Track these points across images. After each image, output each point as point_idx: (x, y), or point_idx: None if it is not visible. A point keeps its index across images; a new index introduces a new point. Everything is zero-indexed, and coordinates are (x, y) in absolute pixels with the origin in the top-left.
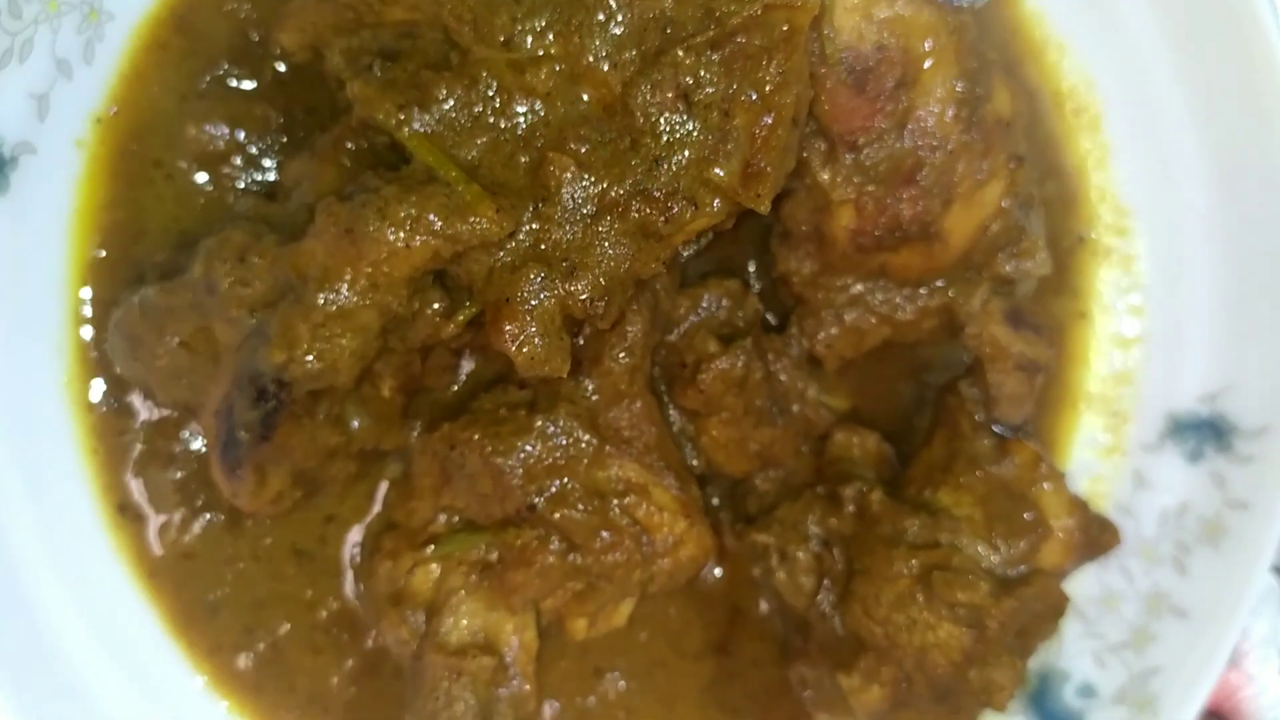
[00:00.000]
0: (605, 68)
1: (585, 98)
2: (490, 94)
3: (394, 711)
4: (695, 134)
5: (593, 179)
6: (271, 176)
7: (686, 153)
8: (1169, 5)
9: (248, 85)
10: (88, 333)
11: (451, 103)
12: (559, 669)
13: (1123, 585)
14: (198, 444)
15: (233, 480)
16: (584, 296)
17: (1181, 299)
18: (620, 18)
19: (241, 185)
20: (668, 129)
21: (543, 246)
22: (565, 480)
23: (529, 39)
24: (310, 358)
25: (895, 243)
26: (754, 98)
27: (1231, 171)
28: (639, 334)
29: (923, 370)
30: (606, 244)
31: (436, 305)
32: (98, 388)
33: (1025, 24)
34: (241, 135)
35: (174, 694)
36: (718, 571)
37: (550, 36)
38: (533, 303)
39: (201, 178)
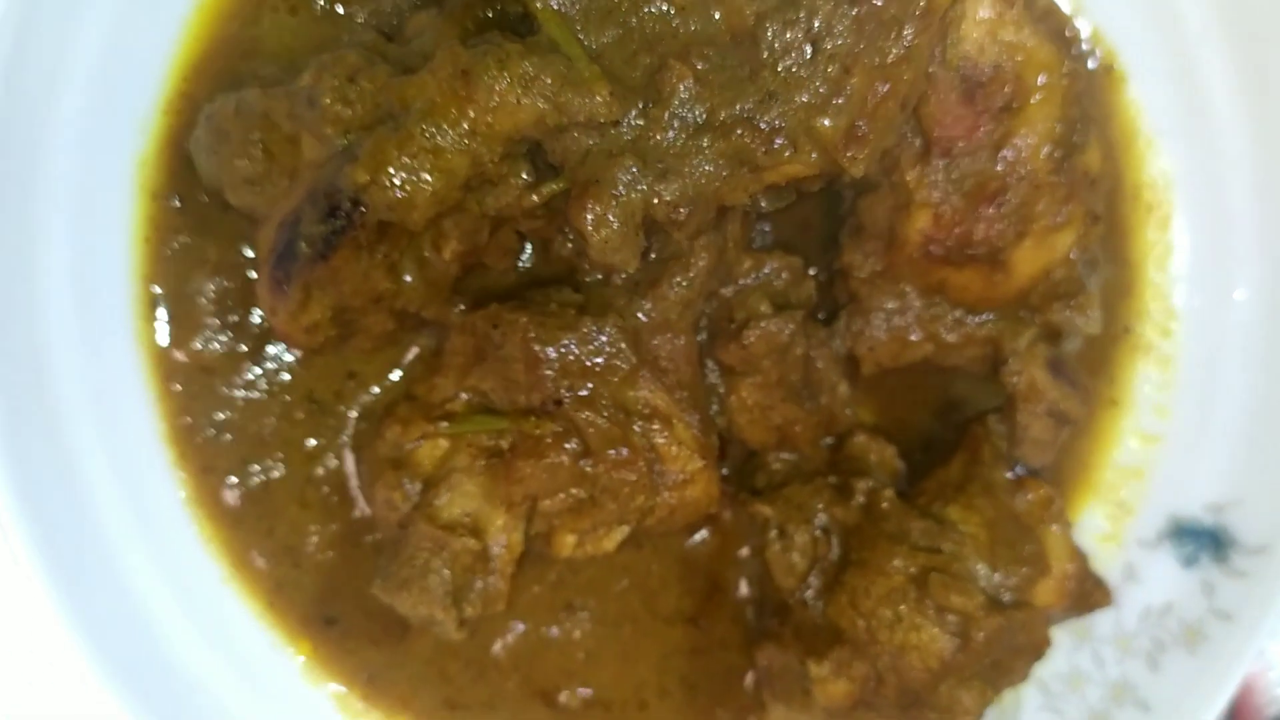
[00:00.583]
0: None
1: (718, 18)
2: None
3: (362, 585)
4: (813, 81)
5: (707, 95)
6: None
7: (800, 96)
8: (1264, 131)
9: None
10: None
11: None
12: (532, 593)
13: (1092, 669)
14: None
15: (277, 294)
16: (670, 199)
17: (1209, 409)
18: None
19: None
20: (788, 68)
21: (642, 144)
22: (596, 386)
23: None
24: (392, 184)
25: (962, 260)
26: (876, 63)
27: None
28: (702, 269)
29: (949, 409)
30: (703, 159)
31: (524, 176)
32: (168, 176)
33: (1123, 110)
34: None
35: (155, 502)
36: (707, 536)
37: None
38: (620, 190)
39: (325, 15)
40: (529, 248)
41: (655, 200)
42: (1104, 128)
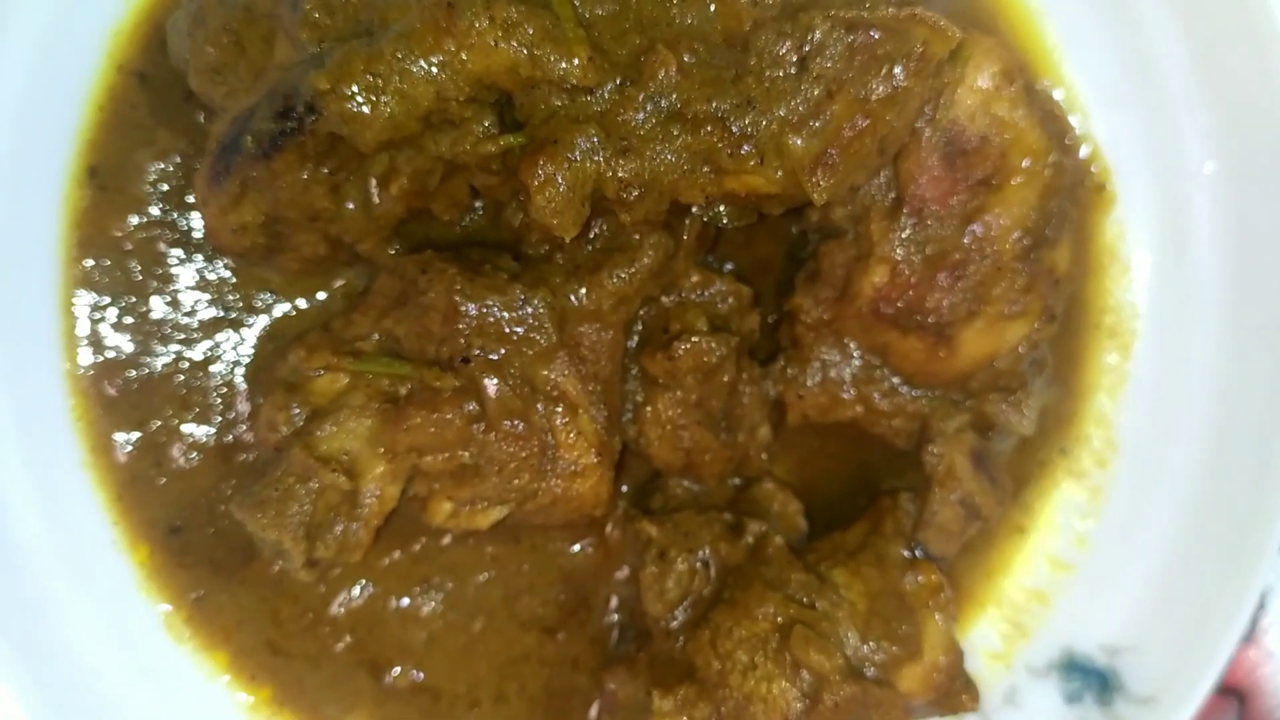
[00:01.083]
0: (744, 0)
1: (714, 15)
2: None
3: (218, 502)
4: (794, 97)
5: (686, 86)
6: None
7: (779, 109)
8: (1241, 281)
9: None
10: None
11: None
12: (392, 557)
13: None
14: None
15: (213, 186)
16: (624, 176)
17: (1129, 549)
18: None
19: None
20: (773, 79)
21: (610, 118)
22: (508, 354)
23: None
24: (352, 92)
25: (909, 325)
26: (861, 95)
27: (1227, 460)
28: (646, 266)
29: (862, 485)
30: (668, 147)
31: (487, 124)
32: (138, 53)
33: (1105, 231)
34: None
35: (35, 368)
36: (589, 549)
37: None
38: (576, 155)
39: None
40: (480, 207)
41: (609, 174)
42: (1082, 244)
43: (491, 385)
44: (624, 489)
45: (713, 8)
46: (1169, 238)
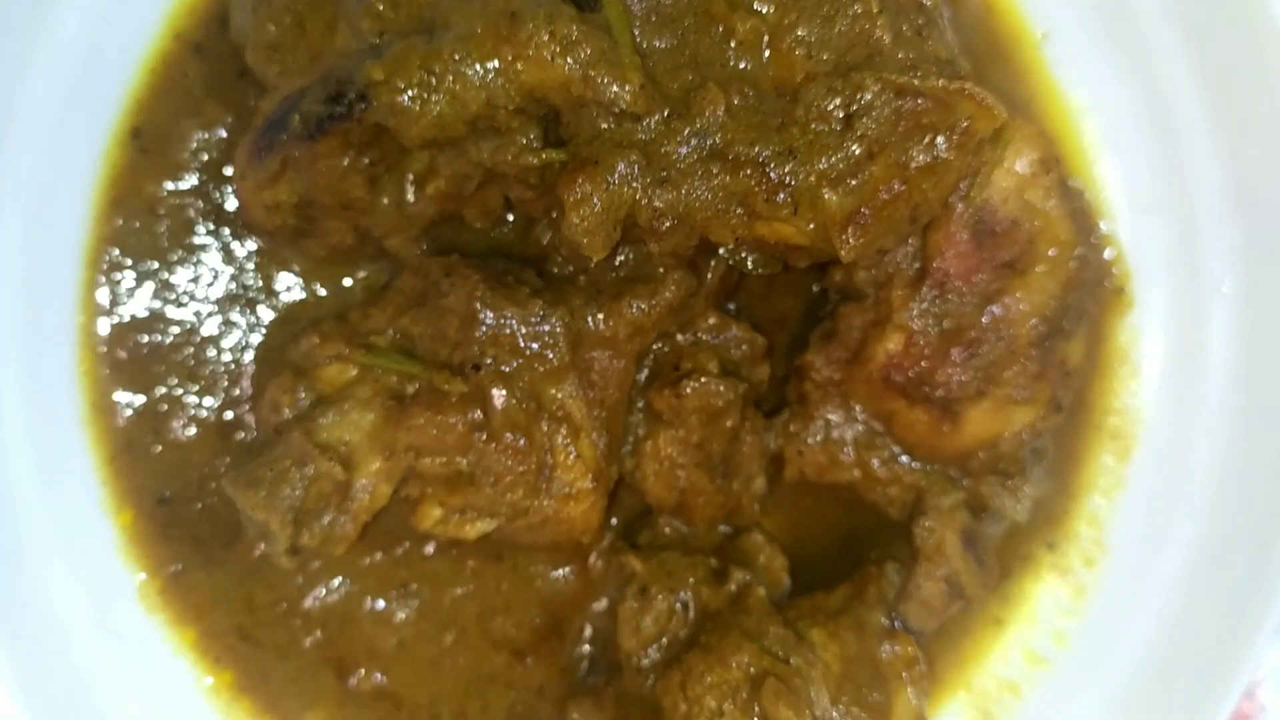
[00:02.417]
0: (799, 53)
1: (768, 60)
2: (698, 9)
3: (210, 478)
4: (836, 153)
5: (731, 127)
6: None
7: (819, 163)
8: (1253, 400)
9: None
10: None
11: None
12: (373, 558)
13: None
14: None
15: (253, 160)
16: (659, 205)
17: (1108, 652)
18: (839, 24)
19: None
20: (817, 133)
21: (653, 148)
22: (520, 368)
23: None
24: (403, 90)
25: (917, 396)
26: (901, 160)
27: (1215, 575)
28: (666, 300)
29: (849, 553)
30: (705, 184)
31: (531, 136)
32: (197, 23)
33: (1119, 334)
34: None
35: (50, 314)
36: (570, 577)
37: (773, 2)
38: (614, 179)
39: None
40: (511, 220)
41: (644, 201)
42: (1095, 343)
43: (499, 396)
44: (613, 521)
45: (767, 55)
46: (1181, 348)
